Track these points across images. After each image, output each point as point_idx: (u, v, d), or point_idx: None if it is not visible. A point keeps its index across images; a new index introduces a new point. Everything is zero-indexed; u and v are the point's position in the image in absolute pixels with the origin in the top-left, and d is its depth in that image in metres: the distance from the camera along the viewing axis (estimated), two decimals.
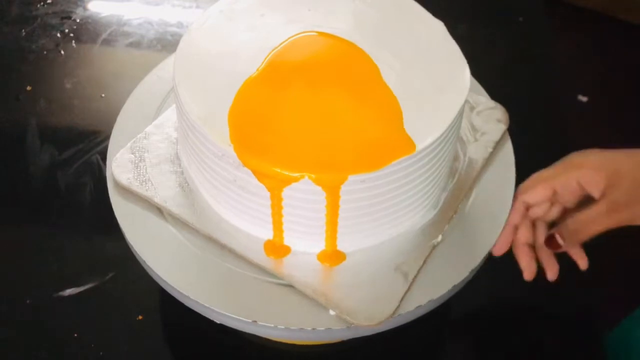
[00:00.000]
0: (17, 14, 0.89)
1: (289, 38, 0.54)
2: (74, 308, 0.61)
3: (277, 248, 0.51)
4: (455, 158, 0.56)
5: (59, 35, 0.86)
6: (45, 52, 0.84)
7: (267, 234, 0.51)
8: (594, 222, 0.50)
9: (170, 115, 0.58)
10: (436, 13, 0.57)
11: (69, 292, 0.62)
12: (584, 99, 0.88)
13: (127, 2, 0.92)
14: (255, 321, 0.48)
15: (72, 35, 0.86)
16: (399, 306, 0.48)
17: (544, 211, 0.54)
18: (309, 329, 0.48)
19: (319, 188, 0.47)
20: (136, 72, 0.63)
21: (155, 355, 0.60)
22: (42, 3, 0.90)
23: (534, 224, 0.55)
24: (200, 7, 0.91)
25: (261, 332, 0.49)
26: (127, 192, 0.54)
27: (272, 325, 0.48)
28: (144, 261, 0.51)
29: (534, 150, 0.70)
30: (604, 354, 0.61)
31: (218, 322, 0.49)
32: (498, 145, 0.59)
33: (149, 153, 0.56)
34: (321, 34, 0.54)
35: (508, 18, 0.92)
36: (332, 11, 0.56)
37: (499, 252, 0.53)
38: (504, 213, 0.54)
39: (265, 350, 0.59)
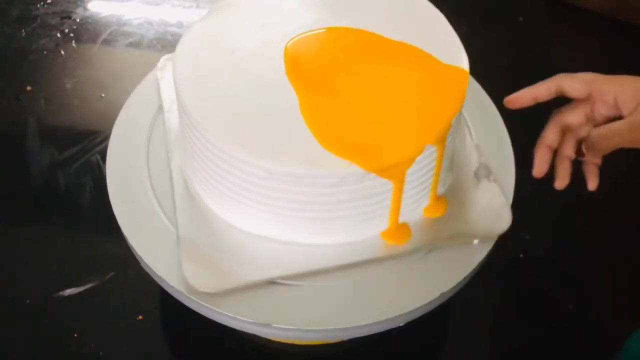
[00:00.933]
0: (17, 14, 0.89)
1: (291, 39, 0.54)
2: (74, 308, 0.61)
3: (398, 231, 0.52)
4: None
5: (59, 35, 0.86)
6: (45, 52, 0.84)
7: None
8: (614, 135, 0.52)
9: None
10: None
11: (69, 292, 0.62)
12: None
13: (127, 2, 0.92)
14: (268, 323, 0.48)
15: (72, 35, 0.87)
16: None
17: (578, 121, 0.55)
18: (307, 328, 0.48)
19: (433, 148, 0.50)
20: (136, 72, 0.63)
21: (155, 355, 0.60)
22: (42, 3, 0.90)
23: (564, 135, 0.56)
24: (200, 7, 0.91)
25: (264, 332, 0.49)
26: (127, 194, 0.54)
27: (280, 326, 0.48)
28: (144, 261, 0.51)
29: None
30: None
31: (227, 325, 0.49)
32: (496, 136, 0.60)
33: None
34: (308, 33, 0.55)
35: (508, 18, 0.92)
36: (289, 14, 0.56)
37: (539, 173, 0.55)
38: (506, 211, 0.54)
39: (265, 350, 0.59)
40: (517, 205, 0.55)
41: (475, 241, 0.52)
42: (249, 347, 0.59)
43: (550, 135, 0.56)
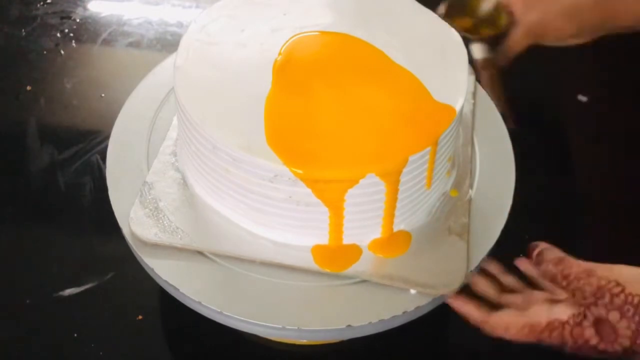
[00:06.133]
0: (17, 14, 0.89)
1: (284, 44, 0.54)
2: (74, 308, 0.61)
3: (338, 253, 0.50)
4: None
5: (59, 35, 0.86)
6: (45, 52, 0.84)
7: (322, 240, 0.51)
8: (515, 42, 0.63)
9: (164, 159, 0.56)
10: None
11: (69, 292, 0.62)
12: (584, 99, 0.88)
13: (127, 2, 0.92)
14: (269, 323, 0.48)
15: (72, 35, 0.87)
16: (467, 265, 0.50)
17: None
18: (307, 328, 0.48)
19: (378, 180, 0.47)
20: (136, 72, 0.63)
21: (155, 355, 0.60)
22: (42, 3, 0.90)
23: None
24: (200, 6, 0.91)
25: (264, 332, 0.49)
26: (127, 194, 0.53)
27: (280, 326, 0.48)
28: (144, 261, 0.51)
29: (533, 150, 0.70)
30: None
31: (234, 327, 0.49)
32: (478, 101, 0.61)
33: (163, 202, 0.53)
34: (317, 33, 0.54)
35: None
36: (307, 10, 0.56)
37: None
38: (510, 167, 0.57)
39: (265, 350, 0.59)
40: (517, 206, 0.55)
41: (413, 291, 0.49)
42: (249, 346, 0.59)
43: None
